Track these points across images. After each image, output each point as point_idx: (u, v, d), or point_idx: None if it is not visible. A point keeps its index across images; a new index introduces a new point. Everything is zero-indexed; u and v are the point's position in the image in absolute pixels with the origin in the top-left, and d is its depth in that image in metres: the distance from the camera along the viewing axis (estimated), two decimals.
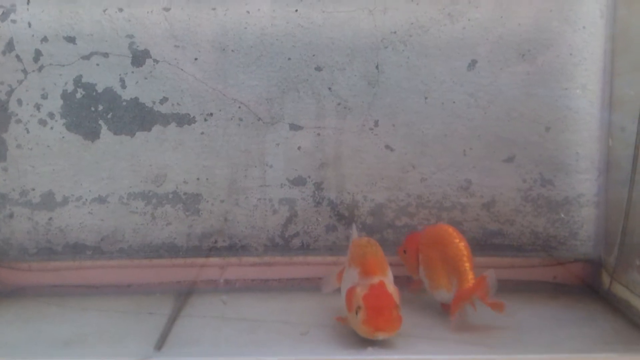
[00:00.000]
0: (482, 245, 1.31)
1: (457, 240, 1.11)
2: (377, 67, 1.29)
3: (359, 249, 1.09)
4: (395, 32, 1.28)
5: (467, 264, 1.09)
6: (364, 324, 0.97)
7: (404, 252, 1.21)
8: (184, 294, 1.26)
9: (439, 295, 1.13)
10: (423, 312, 1.14)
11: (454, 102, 1.29)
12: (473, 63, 1.28)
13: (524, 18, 1.27)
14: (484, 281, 1.06)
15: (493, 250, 1.30)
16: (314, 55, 1.29)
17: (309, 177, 1.31)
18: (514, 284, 1.29)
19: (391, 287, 1.02)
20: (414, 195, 1.31)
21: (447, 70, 1.28)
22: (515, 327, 1.10)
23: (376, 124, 1.30)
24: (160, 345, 1.03)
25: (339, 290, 1.14)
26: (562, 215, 1.30)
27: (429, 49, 1.28)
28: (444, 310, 1.14)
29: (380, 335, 0.97)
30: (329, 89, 1.29)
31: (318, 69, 1.29)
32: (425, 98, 1.29)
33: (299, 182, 1.31)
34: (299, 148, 1.30)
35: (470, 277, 1.08)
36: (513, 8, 1.27)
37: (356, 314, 0.98)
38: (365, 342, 1.01)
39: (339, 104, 1.30)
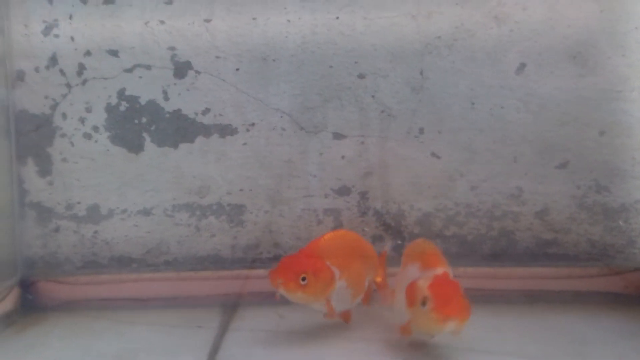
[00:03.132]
0: (537, 255, 1.26)
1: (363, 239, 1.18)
2: (421, 73, 1.26)
3: (416, 247, 1.08)
4: (439, 37, 1.25)
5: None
6: (434, 312, 0.92)
7: (304, 279, 1.03)
8: (230, 307, 1.25)
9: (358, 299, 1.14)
10: (478, 326, 1.11)
11: (502, 107, 1.25)
12: (522, 67, 1.24)
13: (573, 19, 1.23)
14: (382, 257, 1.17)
15: (548, 260, 1.26)
16: (356, 63, 1.26)
17: (354, 186, 1.29)
18: (572, 295, 1.23)
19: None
20: (463, 204, 1.27)
21: (495, 74, 1.24)
22: (577, 340, 1.05)
23: (421, 131, 1.27)
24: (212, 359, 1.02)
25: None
26: (621, 223, 1.25)
27: (475, 53, 1.24)
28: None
29: (451, 324, 0.92)
30: (372, 96, 1.27)
31: (361, 76, 1.27)
32: (472, 104, 1.26)
33: (343, 191, 1.29)
34: (342, 157, 1.28)
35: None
36: (562, 10, 1.23)
37: (422, 305, 0.93)
38: (419, 350, 0.98)
39: (382, 112, 1.27)
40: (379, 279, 1.16)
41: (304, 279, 1.02)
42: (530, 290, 1.24)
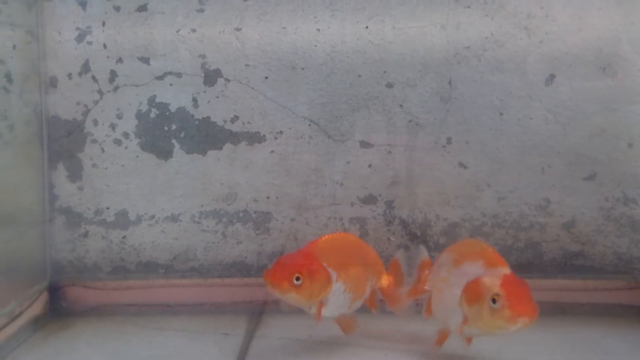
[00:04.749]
0: (563, 266, 1.26)
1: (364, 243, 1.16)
2: (449, 82, 1.26)
3: (473, 245, 1.04)
4: (468, 47, 1.25)
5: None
6: (508, 309, 0.91)
7: (298, 279, 0.99)
8: (256, 314, 1.25)
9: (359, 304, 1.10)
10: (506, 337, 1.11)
11: (531, 118, 1.25)
12: (551, 78, 1.25)
13: (603, 31, 1.23)
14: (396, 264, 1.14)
15: (574, 272, 1.26)
16: (384, 72, 1.27)
17: (380, 195, 1.29)
18: (599, 307, 1.23)
19: None
20: (490, 215, 1.27)
21: (524, 85, 1.25)
22: (604, 352, 1.05)
23: (449, 141, 1.27)
24: None
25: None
26: None
27: (504, 64, 1.25)
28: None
29: (522, 322, 0.91)
30: (400, 105, 1.27)
31: (389, 85, 1.27)
32: (501, 114, 1.26)
33: (369, 200, 1.29)
34: (369, 166, 1.29)
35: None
36: (592, 21, 1.23)
37: (493, 302, 0.92)
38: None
39: (410, 121, 1.28)
40: (384, 284, 1.13)
41: (298, 279, 0.99)
42: (557, 302, 1.24)
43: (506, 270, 0.97)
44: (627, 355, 1.05)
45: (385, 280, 1.13)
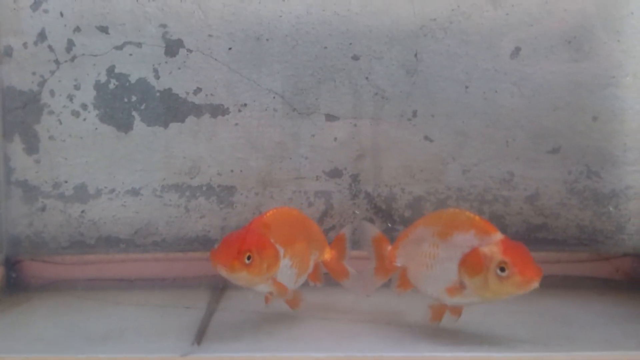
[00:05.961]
0: (526, 239, 1.26)
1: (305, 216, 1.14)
2: (415, 55, 1.25)
3: (457, 215, 1.01)
4: (435, 19, 1.24)
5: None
6: (519, 275, 0.91)
7: (249, 258, 0.95)
8: (219, 288, 1.24)
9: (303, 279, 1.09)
10: (469, 308, 1.10)
11: (496, 91, 1.25)
12: (517, 50, 1.24)
13: (569, 4, 1.23)
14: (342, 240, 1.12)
15: (537, 245, 1.26)
16: (350, 44, 1.25)
17: (345, 169, 1.28)
18: (561, 279, 1.24)
19: None
20: (454, 188, 1.27)
21: (490, 58, 1.24)
22: (566, 323, 1.06)
23: (415, 114, 1.26)
24: (199, 340, 1.00)
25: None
26: (611, 209, 1.25)
27: (470, 36, 1.24)
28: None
29: (532, 285, 0.91)
30: (366, 78, 1.26)
31: (355, 58, 1.25)
32: (466, 87, 1.25)
33: (335, 174, 1.28)
34: (335, 139, 1.27)
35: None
36: None
37: (501, 271, 0.92)
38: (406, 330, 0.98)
39: (376, 94, 1.26)
40: (327, 257, 1.11)
41: (249, 258, 0.95)
42: None
43: (499, 235, 0.96)
44: (589, 325, 1.06)
45: (327, 254, 1.11)
